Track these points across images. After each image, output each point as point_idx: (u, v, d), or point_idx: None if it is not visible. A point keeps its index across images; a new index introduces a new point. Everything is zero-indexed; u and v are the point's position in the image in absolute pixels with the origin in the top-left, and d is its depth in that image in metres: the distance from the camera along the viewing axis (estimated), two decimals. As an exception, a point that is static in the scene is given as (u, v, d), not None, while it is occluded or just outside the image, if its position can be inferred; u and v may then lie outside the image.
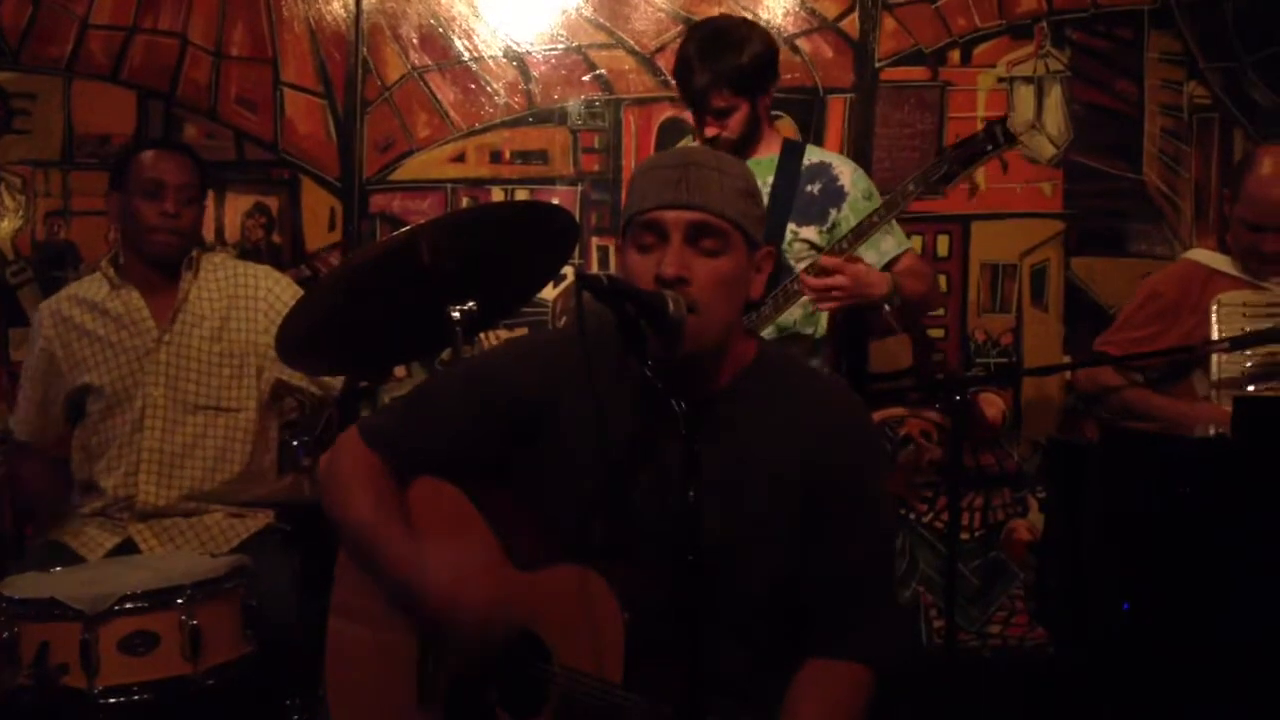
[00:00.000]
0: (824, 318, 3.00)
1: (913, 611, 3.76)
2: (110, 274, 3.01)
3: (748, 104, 2.88)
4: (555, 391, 1.89)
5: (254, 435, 3.02)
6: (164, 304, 3.00)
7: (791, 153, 3.01)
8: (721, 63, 2.82)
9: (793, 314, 2.91)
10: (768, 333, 2.86)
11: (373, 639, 1.96)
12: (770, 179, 2.95)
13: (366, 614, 1.96)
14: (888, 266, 2.93)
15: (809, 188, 2.97)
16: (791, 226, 2.93)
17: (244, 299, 3.06)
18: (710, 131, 2.89)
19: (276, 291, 3.08)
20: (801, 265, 2.83)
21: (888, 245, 2.95)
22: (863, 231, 2.76)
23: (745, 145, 2.94)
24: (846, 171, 2.99)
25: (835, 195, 2.96)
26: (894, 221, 2.94)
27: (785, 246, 2.93)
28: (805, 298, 2.82)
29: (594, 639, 1.74)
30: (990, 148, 2.71)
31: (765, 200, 2.88)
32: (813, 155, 3.02)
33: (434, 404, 2.00)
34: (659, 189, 1.76)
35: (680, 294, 1.71)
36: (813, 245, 2.92)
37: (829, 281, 2.70)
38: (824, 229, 2.94)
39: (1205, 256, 3.28)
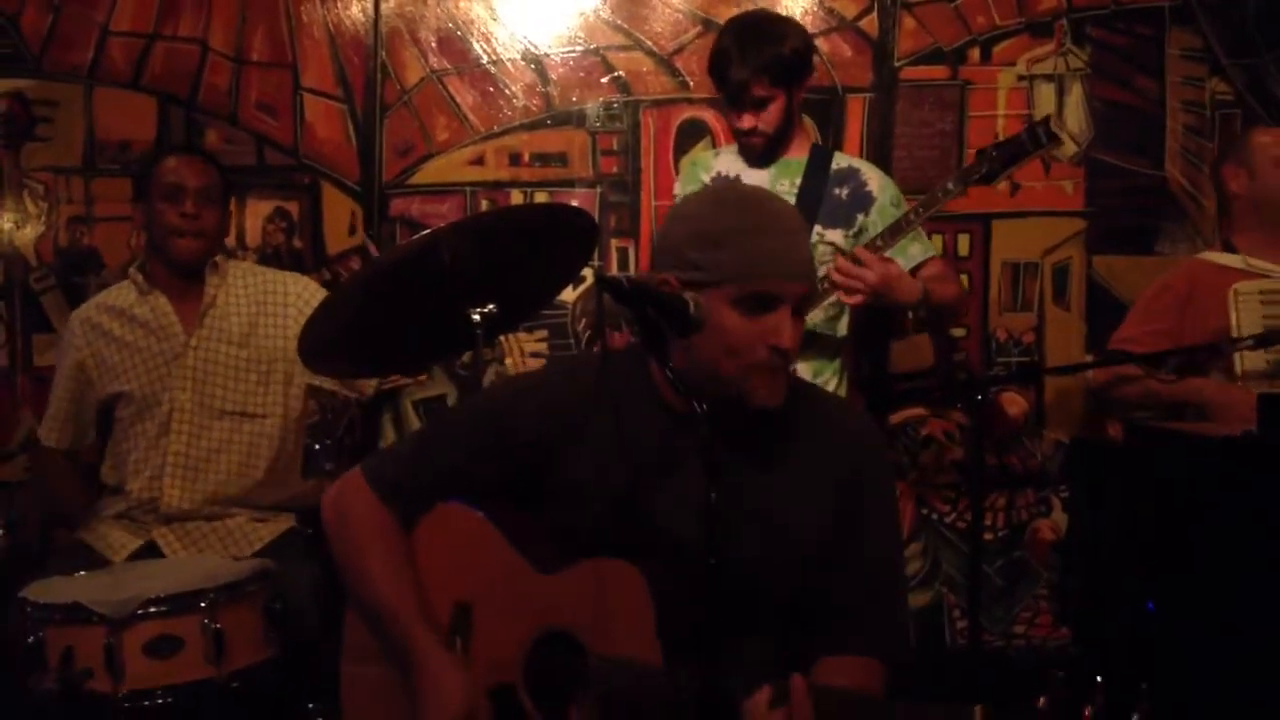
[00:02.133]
0: (846, 320, 3.00)
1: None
2: (139, 280, 3.03)
3: (785, 96, 2.89)
4: (560, 425, 1.88)
5: (279, 441, 3.03)
6: (190, 309, 3.02)
7: (820, 156, 3.01)
8: (763, 53, 2.83)
9: (814, 315, 2.90)
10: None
11: (389, 676, 1.93)
12: (799, 180, 2.95)
13: (380, 653, 1.94)
14: (913, 272, 2.91)
15: (837, 191, 2.96)
16: (818, 229, 2.92)
17: (273, 305, 3.07)
18: (747, 123, 2.90)
19: (306, 296, 3.09)
20: (825, 267, 2.82)
21: (914, 251, 2.94)
22: (899, 229, 2.77)
23: (779, 141, 2.95)
24: (875, 178, 2.99)
25: (863, 200, 2.95)
26: (920, 229, 2.93)
27: (811, 248, 2.92)
28: (830, 299, 2.81)
29: (628, 626, 1.74)
30: (1033, 148, 2.70)
31: (793, 201, 2.89)
32: (841, 160, 3.02)
33: (440, 448, 1.96)
34: (776, 259, 1.75)
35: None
36: (838, 248, 2.91)
37: (857, 272, 2.70)
38: (850, 233, 2.93)
39: (1214, 256, 3.25)
